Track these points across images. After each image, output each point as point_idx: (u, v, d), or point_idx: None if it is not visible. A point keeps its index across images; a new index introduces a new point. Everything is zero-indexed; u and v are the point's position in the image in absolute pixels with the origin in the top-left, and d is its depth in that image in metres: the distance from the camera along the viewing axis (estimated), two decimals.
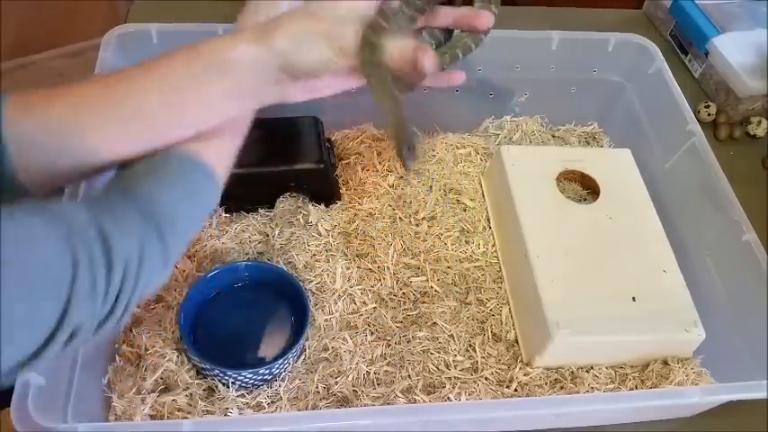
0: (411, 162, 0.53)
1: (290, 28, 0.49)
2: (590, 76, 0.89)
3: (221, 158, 0.53)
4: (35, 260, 0.38)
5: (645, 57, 0.85)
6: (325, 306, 0.71)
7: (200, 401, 0.62)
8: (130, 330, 0.66)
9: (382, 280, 0.74)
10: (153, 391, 0.62)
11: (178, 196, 0.48)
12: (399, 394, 0.65)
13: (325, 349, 0.68)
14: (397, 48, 0.51)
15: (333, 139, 0.87)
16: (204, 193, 0.51)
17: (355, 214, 0.79)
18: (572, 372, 0.68)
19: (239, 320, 0.69)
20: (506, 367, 0.68)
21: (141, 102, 0.48)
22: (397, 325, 0.71)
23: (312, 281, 0.72)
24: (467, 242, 0.79)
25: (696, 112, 0.94)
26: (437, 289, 0.74)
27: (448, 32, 0.56)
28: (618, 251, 0.72)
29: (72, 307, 0.39)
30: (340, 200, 0.80)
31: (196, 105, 0.50)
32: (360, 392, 0.65)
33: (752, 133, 0.95)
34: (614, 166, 0.80)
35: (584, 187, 0.81)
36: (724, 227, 0.70)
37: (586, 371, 0.68)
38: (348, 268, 0.74)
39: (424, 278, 0.75)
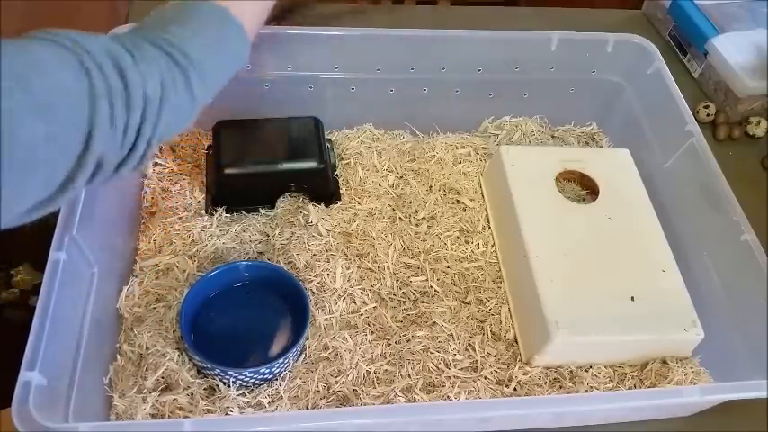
0: None
1: None
2: (589, 76, 0.89)
3: (250, 17, 0.53)
4: (51, 86, 0.38)
5: (644, 57, 0.85)
6: (325, 305, 0.71)
7: (201, 400, 0.62)
8: (131, 330, 0.67)
9: (382, 280, 0.74)
10: (154, 391, 0.63)
11: (206, 43, 0.48)
12: (399, 393, 0.65)
13: (326, 348, 0.68)
14: None
15: (333, 139, 0.87)
16: (233, 45, 0.51)
17: (355, 214, 0.79)
18: (571, 371, 0.68)
19: (240, 320, 0.69)
20: (506, 366, 0.69)
21: None
22: (397, 324, 0.71)
23: (312, 280, 0.73)
24: (466, 242, 0.79)
25: (695, 113, 0.94)
26: (437, 289, 0.74)
27: None
28: (617, 251, 0.72)
29: (94, 135, 0.39)
30: (340, 200, 0.81)
31: None
32: (360, 391, 0.65)
33: (751, 133, 0.95)
34: (613, 166, 0.80)
35: (584, 187, 0.81)
36: (723, 227, 0.70)
37: (585, 370, 0.68)
38: (348, 268, 0.74)
39: (423, 278, 0.75)
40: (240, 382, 0.64)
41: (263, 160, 0.76)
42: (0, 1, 1.49)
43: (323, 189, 0.79)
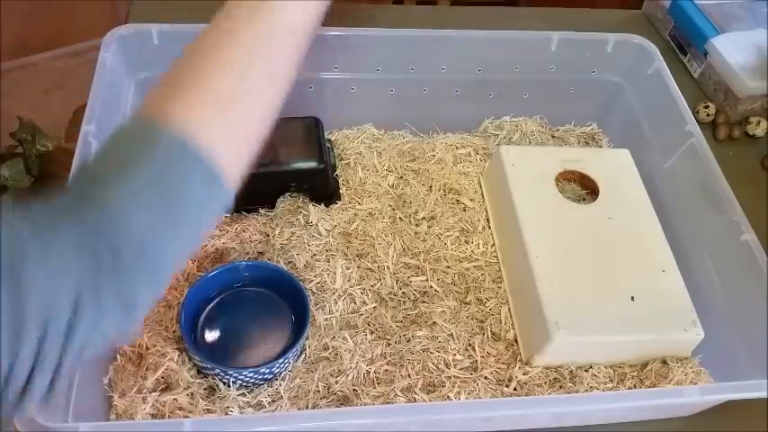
0: None
1: None
2: (589, 76, 0.89)
3: (234, 139, 0.38)
4: None
5: (644, 57, 0.85)
6: (325, 305, 0.71)
7: (201, 400, 0.62)
8: None
9: (382, 280, 0.74)
10: (154, 391, 0.63)
11: (152, 208, 0.33)
12: (399, 393, 0.65)
13: (326, 348, 0.68)
14: None
15: (333, 139, 0.87)
16: (197, 201, 0.36)
17: (355, 214, 0.79)
18: (571, 371, 0.68)
19: (240, 320, 0.69)
20: (506, 366, 0.69)
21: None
22: (397, 324, 0.71)
23: (312, 280, 0.73)
24: (466, 242, 0.79)
25: (695, 113, 0.94)
26: (437, 289, 0.74)
27: None
28: (617, 251, 0.72)
29: None
30: (340, 200, 0.81)
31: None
32: (360, 391, 0.65)
33: (751, 133, 0.95)
34: (613, 166, 0.80)
35: (584, 187, 0.81)
36: (723, 227, 0.70)
37: (585, 370, 0.68)
38: (348, 268, 0.74)
39: (423, 278, 0.75)
40: (240, 382, 0.64)
41: (263, 160, 0.76)
42: (0, 1, 1.49)
43: (323, 189, 0.79)
